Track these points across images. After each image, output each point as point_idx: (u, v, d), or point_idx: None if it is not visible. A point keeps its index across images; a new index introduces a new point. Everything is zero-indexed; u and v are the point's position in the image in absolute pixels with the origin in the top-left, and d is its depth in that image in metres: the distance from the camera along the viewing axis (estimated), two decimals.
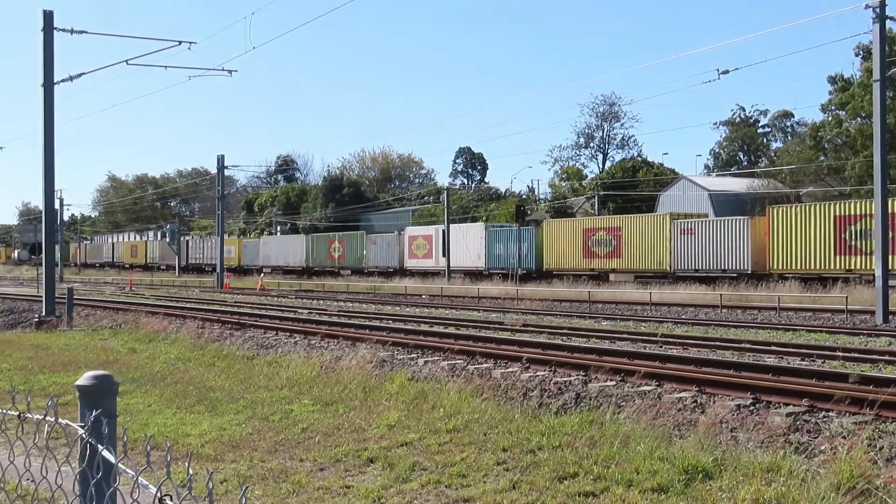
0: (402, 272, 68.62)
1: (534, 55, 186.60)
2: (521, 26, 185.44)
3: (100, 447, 2.74)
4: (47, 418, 3.07)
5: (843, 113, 61.49)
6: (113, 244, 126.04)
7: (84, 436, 2.82)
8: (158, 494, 2.25)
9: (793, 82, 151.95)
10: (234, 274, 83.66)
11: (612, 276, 53.53)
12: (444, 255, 64.62)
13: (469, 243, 63.28)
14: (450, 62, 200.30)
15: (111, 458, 2.71)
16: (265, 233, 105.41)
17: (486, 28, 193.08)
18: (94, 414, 2.80)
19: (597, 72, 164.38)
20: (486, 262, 61.46)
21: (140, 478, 2.43)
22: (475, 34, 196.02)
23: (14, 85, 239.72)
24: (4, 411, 3.57)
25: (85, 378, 2.93)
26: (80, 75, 32.07)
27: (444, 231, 65.52)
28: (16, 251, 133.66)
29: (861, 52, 59.87)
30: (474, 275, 61.44)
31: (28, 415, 3.31)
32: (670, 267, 49.36)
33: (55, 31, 30.47)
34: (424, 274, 65.77)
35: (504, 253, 60.10)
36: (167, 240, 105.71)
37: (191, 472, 2.19)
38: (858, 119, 59.13)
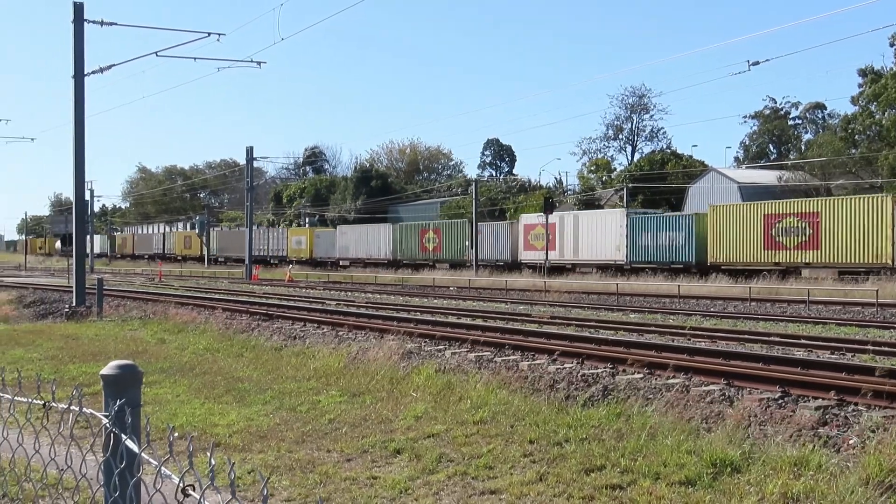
0: (516, 265, 60.96)
1: (563, 46, 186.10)
2: (549, 17, 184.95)
3: (123, 437, 2.75)
4: (72, 407, 3.08)
5: (875, 105, 60.92)
6: (164, 234, 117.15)
7: (108, 425, 2.82)
8: (181, 485, 2.25)
9: (824, 74, 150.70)
10: (310, 267, 78.68)
11: (805, 272, 45.32)
12: (472, 248, 64.52)
13: (605, 233, 55.00)
14: (478, 53, 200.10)
15: (134, 448, 2.71)
16: (293, 224, 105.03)
17: (515, 19, 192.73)
18: (117, 403, 2.80)
19: (626, 63, 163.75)
20: (627, 254, 53.35)
21: (163, 468, 2.43)
22: (504, 25, 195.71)
23: (45, 77, 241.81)
24: (31, 400, 3.59)
25: (109, 367, 2.94)
26: (110, 67, 32.30)
27: (471, 223, 65.40)
28: (59, 242, 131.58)
29: (895, 43, 59.27)
30: (611, 269, 53.43)
31: (53, 404, 3.33)
32: (893, 260, 41.50)
33: (86, 22, 30.69)
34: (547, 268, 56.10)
35: (651, 244, 52.23)
36: (216, 228, 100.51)
37: (213, 462, 2.18)
38: (891, 110, 58.56)
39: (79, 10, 30.53)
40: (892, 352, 16.43)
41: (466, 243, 65.51)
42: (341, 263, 78.06)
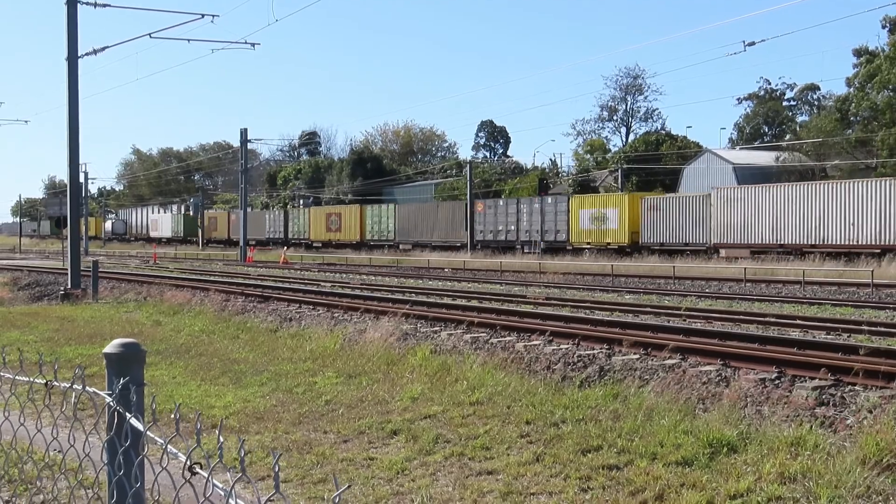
0: None
1: (557, 27, 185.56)
2: None
3: (128, 415, 2.74)
4: (75, 387, 3.07)
5: (869, 86, 60.80)
6: (286, 212, 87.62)
7: (112, 404, 2.82)
8: (188, 463, 2.24)
9: (819, 55, 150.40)
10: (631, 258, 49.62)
11: None
12: (465, 230, 64.34)
13: None
14: (473, 34, 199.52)
15: (139, 426, 2.71)
16: (288, 206, 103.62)
17: (510, 0, 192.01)
18: (121, 382, 2.79)
19: (620, 44, 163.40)
20: None
21: (169, 446, 2.42)
22: (498, 6, 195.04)
23: (39, 59, 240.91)
24: (32, 380, 3.57)
25: (112, 346, 2.93)
26: (103, 49, 32.13)
27: (467, 205, 65.16)
28: (108, 222, 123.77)
29: (888, 24, 59.16)
30: None
31: (55, 383, 3.32)
32: None
33: (79, 4, 30.48)
34: None
35: None
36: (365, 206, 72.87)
37: (222, 439, 2.18)
38: (885, 91, 58.45)
39: None
40: (888, 332, 16.47)
41: None
42: (722, 253, 48.29)
